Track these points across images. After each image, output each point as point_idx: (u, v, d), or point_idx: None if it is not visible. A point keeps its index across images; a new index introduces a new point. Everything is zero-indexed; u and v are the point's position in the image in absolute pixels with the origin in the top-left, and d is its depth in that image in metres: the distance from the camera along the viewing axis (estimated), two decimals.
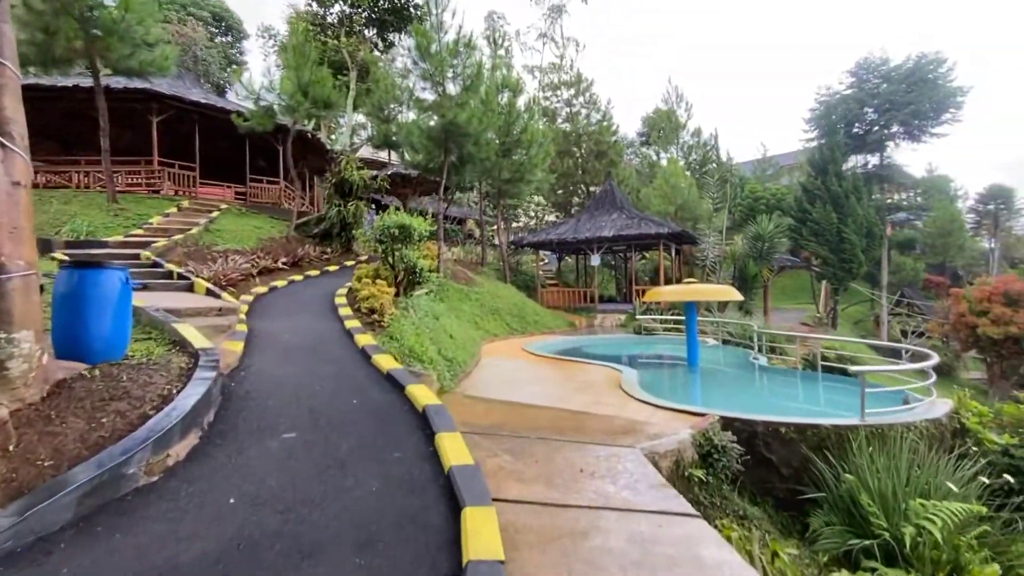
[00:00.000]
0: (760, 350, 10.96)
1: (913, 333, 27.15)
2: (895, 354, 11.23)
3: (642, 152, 41.00)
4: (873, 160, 32.09)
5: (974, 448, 4.84)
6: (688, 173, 30.07)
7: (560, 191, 32.84)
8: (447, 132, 15.32)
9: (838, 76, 32.76)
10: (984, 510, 3.65)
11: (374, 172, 18.90)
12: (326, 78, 15.62)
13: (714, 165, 36.46)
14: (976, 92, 29.79)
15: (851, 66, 31.80)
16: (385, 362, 5.70)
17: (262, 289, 10.58)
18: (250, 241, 14.45)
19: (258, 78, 16.83)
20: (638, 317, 16.15)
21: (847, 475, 4.41)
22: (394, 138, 21.59)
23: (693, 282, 9.99)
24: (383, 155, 29.81)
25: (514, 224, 35.77)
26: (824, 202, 25.36)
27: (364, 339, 6.64)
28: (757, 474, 5.08)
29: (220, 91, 25.90)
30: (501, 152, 18.72)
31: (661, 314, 16.07)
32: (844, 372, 9.22)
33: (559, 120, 32.78)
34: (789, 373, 9.29)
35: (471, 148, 16.04)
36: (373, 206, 27.16)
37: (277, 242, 15.18)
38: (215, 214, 15.74)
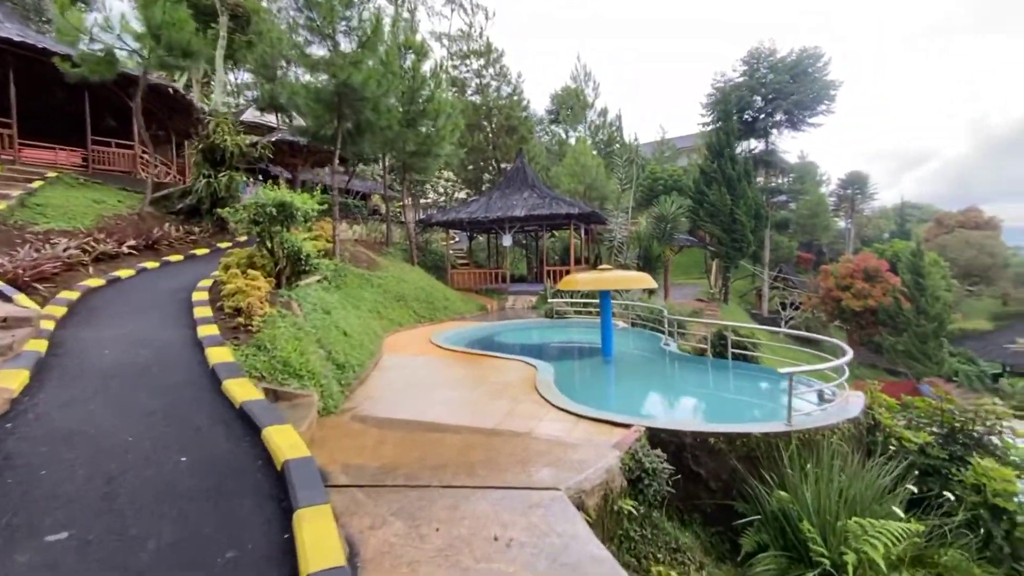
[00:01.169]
0: (671, 335, 10.95)
1: (791, 305, 30.10)
2: (786, 331, 11.90)
3: (551, 130, 40.78)
4: (759, 146, 34.66)
5: (891, 447, 4.81)
6: (595, 153, 30.32)
7: (471, 167, 31.55)
8: (340, 95, 13.44)
9: (732, 63, 34.53)
10: (922, 527, 3.44)
11: (254, 138, 16.30)
12: (184, 20, 12.84)
13: (618, 146, 37.29)
14: (845, 87, 33.43)
15: (744, 55, 33.76)
16: (240, 390, 4.39)
17: (96, 283, 8.41)
18: (87, 219, 11.66)
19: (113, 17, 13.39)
20: (550, 301, 15.75)
21: (781, 493, 4.06)
22: (281, 100, 18.87)
23: (608, 268, 9.57)
24: (272, 119, 26.35)
25: (423, 201, 33.94)
26: (720, 184, 26.78)
27: (219, 354, 5.20)
28: (685, 490, 4.64)
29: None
30: (405, 122, 17.06)
31: (572, 297, 15.83)
32: (745, 358, 9.38)
33: (469, 92, 31.21)
34: (699, 361, 9.29)
35: (369, 114, 14.28)
36: (260, 178, 23.99)
37: (126, 220, 12.46)
38: (37, 184, 12.53)
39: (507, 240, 20.62)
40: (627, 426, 4.97)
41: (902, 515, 3.42)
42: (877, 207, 53.21)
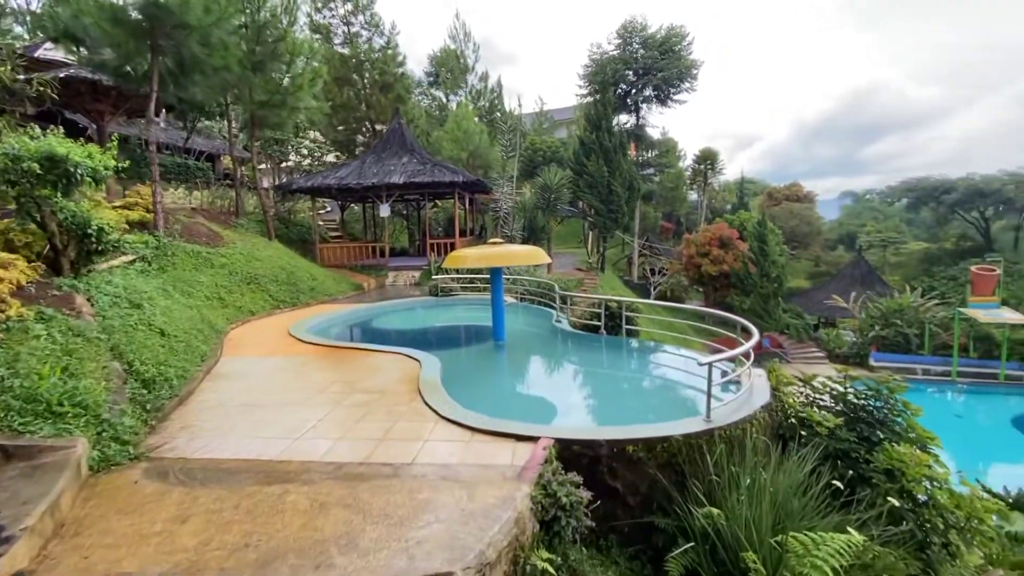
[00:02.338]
0: (561, 310, 10.45)
1: (659, 271, 32.38)
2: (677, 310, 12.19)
3: (431, 93, 38.33)
4: (631, 120, 36.16)
5: (802, 433, 4.60)
6: (477, 120, 29.01)
7: (341, 127, 28.21)
8: (151, 18, 10.38)
9: (607, 36, 35.15)
10: (862, 539, 3.06)
11: (29, 75, 12.09)
12: None
13: (499, 114, 36.35)
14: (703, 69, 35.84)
15: (618, 28, 34.47)
16: None
17: None
18: None
19: None
20: (434, 278, 14.47)
21: (712, 510, 3.47)
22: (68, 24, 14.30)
23: (498, 242, 8.59)
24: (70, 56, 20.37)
25: (285, 164, 29.72)
26: (598, 156, 27.27)
27: None
28: (602, 508, 3.90)
29: None
30: (251, 64, 14.05)
31: (458, 272, 14.72)
32: (637, 333, 9.22)
33: (336, 41, 27.55)
34: (593, 339, 8.85)
35: (197, 49, 11.30)
36: (52, 128, 18.51)
37: None
38: None
39: (385, 210, 18.64)
40: (533, 439, 4.07)
41: (853, 533, 3.01)
42: (722, 181, 59.89)
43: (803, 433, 4.66)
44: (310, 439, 4.37)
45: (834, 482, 3.86)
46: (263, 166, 28.31)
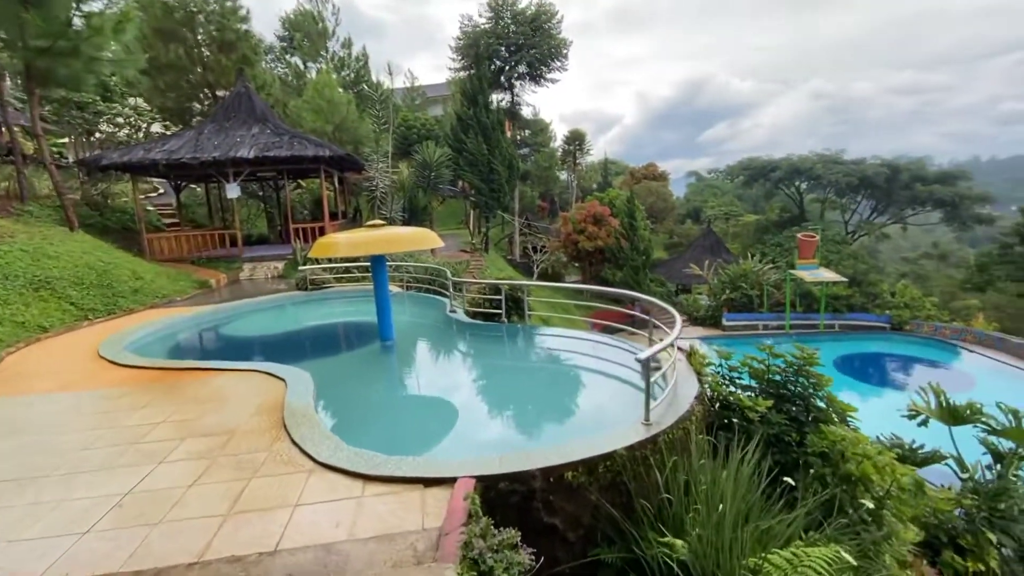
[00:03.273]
0: (454, 298, 9.48)
1: (540, 249, 32.91)
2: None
3: (286, 60, 33.86)
4: (506, 98, 35.76)
5: (735, 419, 4.29)
6: (342, 90, 26.18)
7: (172, 93, 23.35)
8: None
9: (479, 8, 33.96)
10: (845, 555, 2.70)
11: None
12: None
13: (366, 86, 33.50)
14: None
15: (489, 0, 33.45)
16: None
17: None
18: None
19: None
20: (301, 269, 12.47)
21: (676, 542, 2.89)
22: None
23: (379, 224, 7.28)
24: None
25: (95, 136, 23.84)
26: (476, 133, 26.39)
27: None
28: (540, 553, 3.13)
29: None
30: None
31: (331, 261, 12.88)
32: (517, 315, 8.64)
33: None
34: (493, 329, 8.04)
35: None
36: None
37: None
38: None
39: (233, 190, 15.71)
40: (448, 481, 3.14)
41: (840, 552, 2.62)
42: (589, 162, 63.18)
43: (734, 420, 4.38)
44: (107, 532, 2.92)
45: (786, 479, 3.56)
46: (65, 140, 22.46)
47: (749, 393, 4.72)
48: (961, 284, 32.29)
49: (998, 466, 5.27)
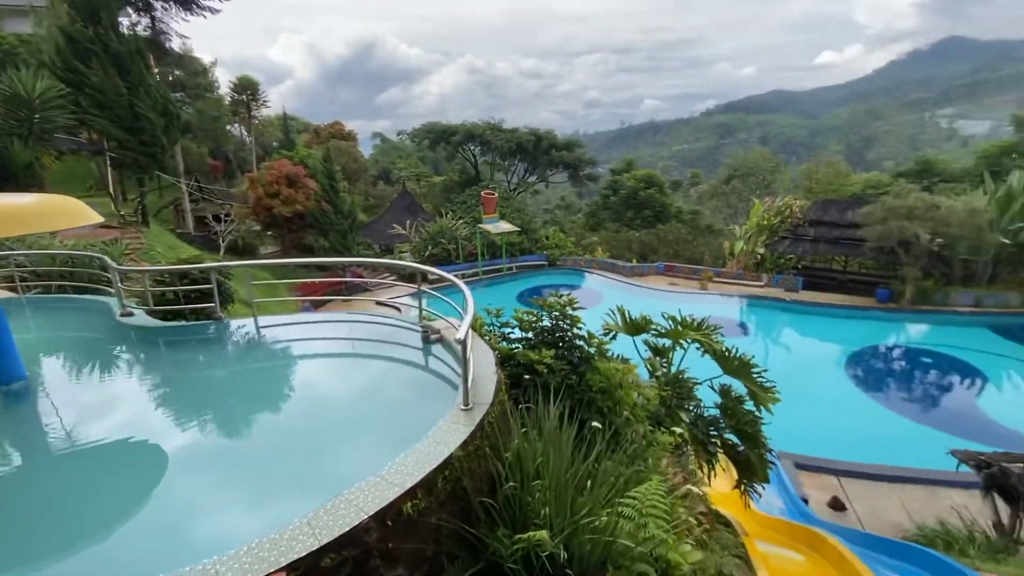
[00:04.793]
0: (123, 296, 6.54)
1: (226, 218, 27.92)
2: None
3: None
4: (144, 22, 27.50)
5: (527, 376, 4.41)
6: None
7: None
8: None
9: None
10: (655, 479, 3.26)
11: None
12: None
13: None
14: None
15: None
16: None
17: None
18: None
19: None
20: None
21: (538, 534, 2.74)
22: None
23: None
24: None
25: None
26: (104, 63, 19.67)
27: None
28: None
29: None
30: None
31: None
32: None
33: None
34: (200, 330, 6.13)
35: None
36: None
37: None
38: None
39: None
40: None
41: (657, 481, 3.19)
42: (265, 115, 55.86)
43: (527, 377, 4.47)
44: None
45: (594, 423, 4.07)
46: None
47: (538, 350, 4.70)
48: (582, 226, 44.60)
49: (664, 360, 7.77)
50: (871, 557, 7.39)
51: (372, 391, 4.69)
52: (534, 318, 5.17)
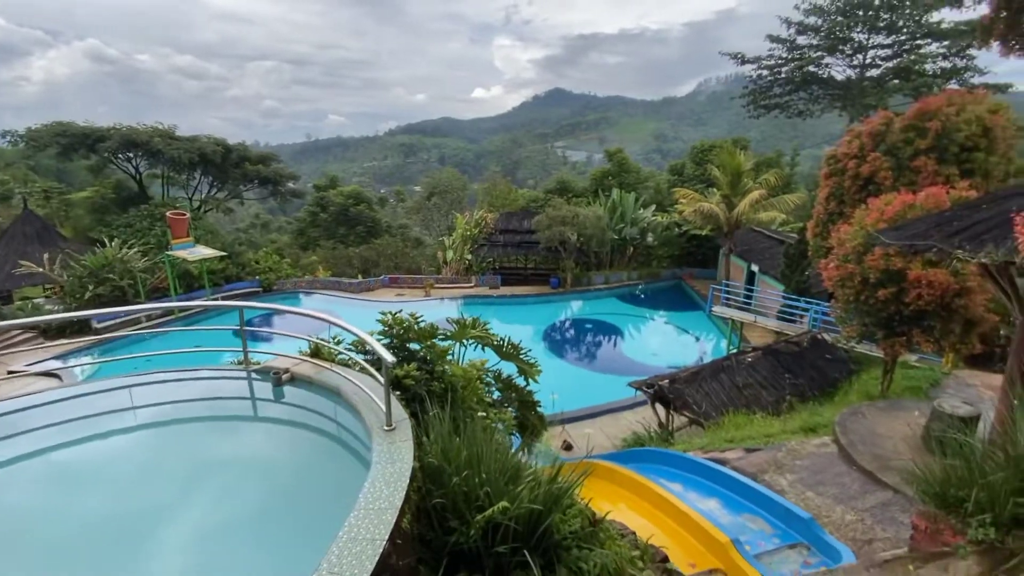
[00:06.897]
0: None
1: None
2: None
3: None
4: None
5: (398, 392, 4.99)
6: None
7: None
8: None
9: None
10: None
11: None
12: None
13: None
14: None
15: None
16: None
17: None
18: None
19: None
20: None
21: (501, 505, 3.14)
22: None
23: None
24: None
25: None
26: None
27: None
28: None
29: None
30: None
31: None
32: None
33: None
34: None
35: None
36: None
37: None
38: None
39: None
40: None
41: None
42: None
43: (397, 393, 4.68)
44: None
45: (480, 413, 5.05)
46: None
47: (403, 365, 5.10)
48: (291, 246, 41.57)
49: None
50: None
51: (258, 467, 4.04)
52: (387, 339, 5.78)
